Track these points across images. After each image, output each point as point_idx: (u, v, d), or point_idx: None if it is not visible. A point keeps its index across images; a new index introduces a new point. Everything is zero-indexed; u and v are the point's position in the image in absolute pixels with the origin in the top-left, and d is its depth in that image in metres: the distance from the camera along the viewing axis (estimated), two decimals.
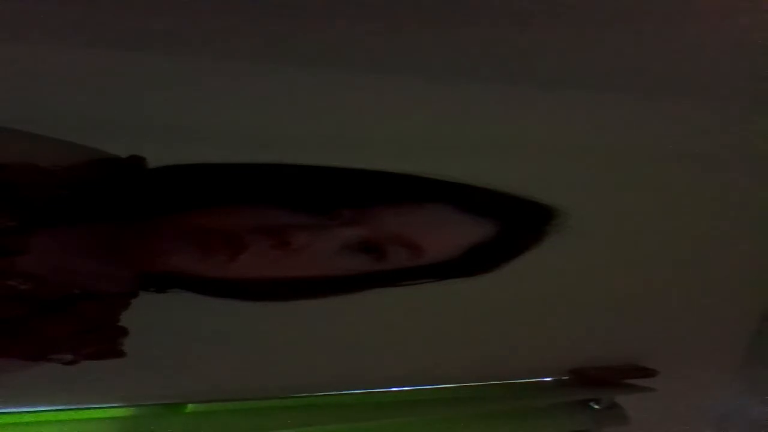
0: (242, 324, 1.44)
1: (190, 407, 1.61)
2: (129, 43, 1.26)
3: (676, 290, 1.89)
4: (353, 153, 0.95)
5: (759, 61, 1.52)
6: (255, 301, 0.92)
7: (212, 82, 1.35)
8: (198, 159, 0.88)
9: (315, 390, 1.72)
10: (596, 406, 1.95)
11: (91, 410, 1.50)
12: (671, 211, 1.79)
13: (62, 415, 1.47)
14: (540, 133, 1.59)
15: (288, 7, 1.21)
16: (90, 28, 1.21)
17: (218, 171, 0.90)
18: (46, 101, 1.24)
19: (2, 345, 0.83)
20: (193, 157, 0.88)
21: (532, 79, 1.53)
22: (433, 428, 1.78)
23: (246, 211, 0.83)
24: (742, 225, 1.91)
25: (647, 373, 1.94)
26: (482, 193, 0.89)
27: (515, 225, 0.89)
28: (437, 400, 1.82)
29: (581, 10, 1.30)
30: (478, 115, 1.55)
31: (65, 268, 0.85)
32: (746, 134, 1.77)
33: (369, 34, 1.33)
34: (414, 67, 1.44)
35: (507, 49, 1.43)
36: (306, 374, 1.65)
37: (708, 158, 1.76)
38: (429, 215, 0.86)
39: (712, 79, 1.60)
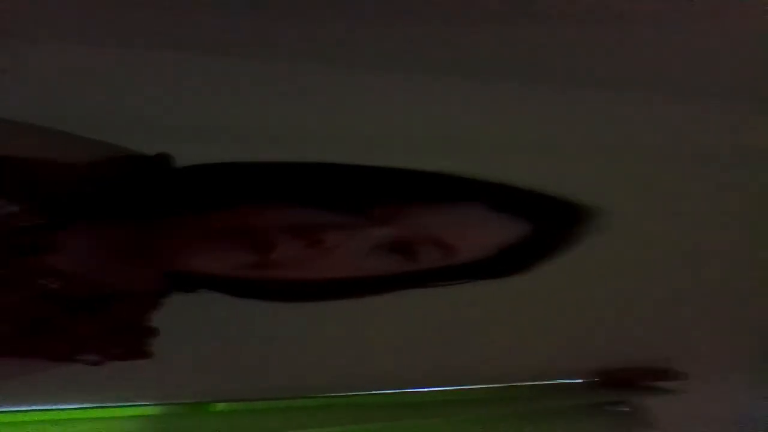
0: (270, 324, 1.45)
1: (219, 406, 1.62)
2: (155, 43, 1.26)
3: (705, 293, 1.87)
4: (385, 152, 0.94)
5: None
6: (285, 302, 0.92)
7: (243, 82, 1.36)
8: (227, 158, 0.88)
9: (341, 390, 1.72)
10: (624, 409, 1.94)
11: (121, 408, 1.51)
12: (701, 214, 1.78)
13: (92, 413, 1.49)
14: (570, 134, 1.58)
15: (318, 7, 1.21)
16: (111, 27, 1.22)
17: (249, 169, 0.89)
18: (68, 99, 1.25)
19: (32, 344, 0.83)
20: (221, 157, 0.88)
21: (562, 79, 1.52)
22: (458, 430, 1.77)
23: (277, 210, 0.82)
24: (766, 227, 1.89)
25: (675, 375, 1.92)
26: (515, 192, 0.87)
27: (549, 225, 0.88)
28: (464, 401, 1.81)
29: (606, 11, 1.30)
30: (511, 115, 1.54)
31: (94, 267, 0.85)
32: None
33: (400, 33, 1.33)
34: (448, 67, 1.43)
35: (544, 49, 1.42)
36: (333, 374, 1.65)
37: (733, 159, 1.75)
38: (461, 215, 0.85)
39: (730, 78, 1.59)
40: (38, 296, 0.81)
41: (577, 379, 1.95)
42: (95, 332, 0.87)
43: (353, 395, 1.73)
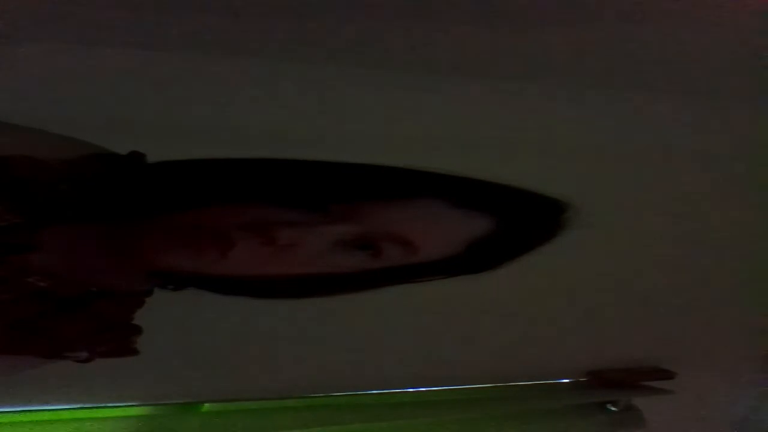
0: (258, 323, 1.45)
1: (207, 407, 1.61)
2: (125, 42, 1.26)
3: (694, 291, 1.87)
4: (341, 148, 0.93)
5: None
6: (260, 299, 0.92)
7: (203, 80, 1.35)
8: (187, 155, 0.88)
9: (331, 390, 1.72)
10: (613, 409, 1.94)
11: (108, 409, 1.51)
12: (691, 211, 1.78)
13: (79, 414, 1.48)
14: (540, 130, 1.58)
15: (280, 5, 1.21)
16: (89, 26, 1.22)
17: (206, 167, 0.89)
18: (47, 99, 1.25)
19: (19, 343, 0.83)
20: (182, 154, 0.88)
21: (529, 75, 1.52)
22: (447, 430, 1.77)
23: (234, 208, 0.82)
24: (765, 226, 1.89)
25: (665, 375, 1.93)
26: (474, 185, 0.86)
27: (517, 219, 0.87)
28: (451, 402, 1.81)
29: (588, 8, 1.30)
30: (475, 111, 1.53)
31: (77, 265, 0.85)
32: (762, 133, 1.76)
33: (359, 30, 1.32)
34: (404, 63, 1.43)
35: (507, 47, 1.42)
36: (323, 374, 1.65)
37: (729, 158, 1.75)
38: (418, 210, 0.84)
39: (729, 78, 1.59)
40: (26, 295, 0.82)
41: (567, 378, 1.96)
42: (83, 330, 0.87)
43: (341, 396, 1.73)
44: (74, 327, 0.86)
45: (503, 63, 1.48)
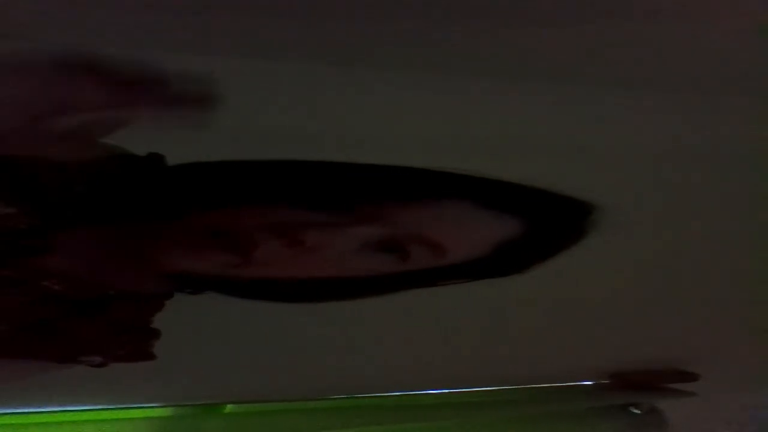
0: (282, 325, 1.45)
1: (229, 408, 1.62)
2: (140, 41, 1.27)
3: (718, 293, 1.85)
4: (366, 149, 0.92)
5: None
6: (282, 303, 0.92)
7: (225, 78, 1.36)
8: (211, 157, 0.88)
9: (350, 392, 1.72)
10: (636, 411, 1.92)
11: (130, 410, 1.51)
12: (714, 213, 1.76)
13: (102, 414, 1.49)
14: (564, 131, 1.57)
15: (302, 5, 1.21)
16: (101, 26, 1.23)
17: (230, 168, 0.89)
18: None
19: (35, 346, 0.84)
20: (206, 156, 0.88)
21: (552, 74, 1.50)
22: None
23: (259, 209, 0.82)
24: None
25: (688, 377, 1.91)
26: (505, 188, 0.86)
27: (545, 221, 0.86)
28: (472, 404, 1.81)
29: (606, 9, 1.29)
30: (509, 114, 1.53)
31: (93, 268, 0.86)
32: None
33: (384, 29, 1.32)
34: (432, 63, 1.42)
35: (528, 47, 1.41)
36: (345, 376, 1.65)
37: (738, 159, 1.73)
38: (447, 212, 0.84)
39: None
40: (41, 298, 0.82)
41: (589, 381, 1.95)
42: (98, 334, 0.87)
43: (362, 397, 1.73)
44: (90, 330, 0.87)
45: (525, 63, 1.47)
